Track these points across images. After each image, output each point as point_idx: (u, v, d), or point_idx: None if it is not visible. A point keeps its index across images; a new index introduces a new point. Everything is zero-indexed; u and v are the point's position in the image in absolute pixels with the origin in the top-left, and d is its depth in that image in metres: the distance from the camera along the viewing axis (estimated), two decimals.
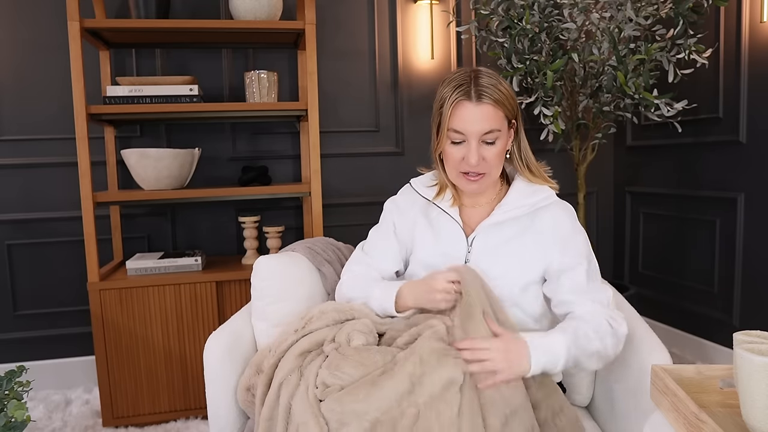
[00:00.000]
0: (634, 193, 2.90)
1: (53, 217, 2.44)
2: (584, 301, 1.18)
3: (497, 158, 1.18)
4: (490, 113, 1.15)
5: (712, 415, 0.85)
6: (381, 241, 1.37)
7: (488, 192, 1.29)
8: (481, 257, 1.23)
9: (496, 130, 1.16)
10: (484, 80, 1.16)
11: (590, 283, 1.20)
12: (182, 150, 2.17)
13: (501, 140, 1.18)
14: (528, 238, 1.23)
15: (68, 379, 2.45)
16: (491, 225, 1.24)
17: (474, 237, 1.25)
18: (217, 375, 1.29)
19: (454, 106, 1.15)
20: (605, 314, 1.17)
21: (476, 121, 1.14)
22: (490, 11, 2.19)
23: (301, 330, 1.20)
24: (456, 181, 1.23)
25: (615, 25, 2.03)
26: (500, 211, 1.23)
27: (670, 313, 2.71)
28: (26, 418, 1.38)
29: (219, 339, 1.33)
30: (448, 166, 1.22)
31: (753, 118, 2.20)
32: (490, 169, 1.19)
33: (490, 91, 1.14)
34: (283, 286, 1.42)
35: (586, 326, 1.13)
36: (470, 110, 1.14)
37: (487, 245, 1.24)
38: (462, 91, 1.15)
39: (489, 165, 1.18)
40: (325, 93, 2.60)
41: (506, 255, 1.22)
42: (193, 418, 2.16)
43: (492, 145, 1.17)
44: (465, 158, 1.17)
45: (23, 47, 2.36)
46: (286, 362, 1.14)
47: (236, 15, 2.19)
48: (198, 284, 2.13)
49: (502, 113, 1.17)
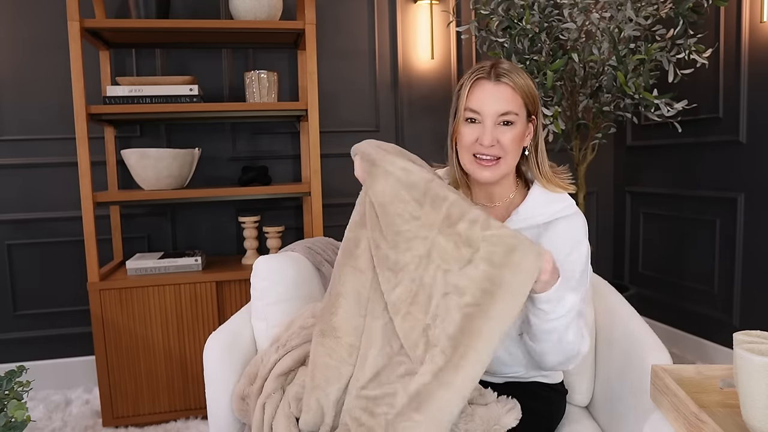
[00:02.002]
0: (634, 193, 2.90)
1: (53, 217, 2.44)
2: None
3: (513, 143, 1.13)
4: (508, 94, 1.12)
5: (712, 415, 0.85)
6: None
7: (504, 189, 1.22)
8: None
9: (513, 113, 1.12)
10: (505, 65, 1.14)
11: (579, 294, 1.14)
12: (182, 150, 2.17)
13: (518, 126, 1.14)
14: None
15: (68, 379, 2.45)
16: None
17: None
18: (216, 375, 1.29)
19: (472, 85, 1.14)
20: (580, 327, 1.12)
21: (493, 101, 1.12)
22: (490, 11, 2.19)
23: (282, 348, 1.21)
24: (469, 167, 1.17)
25: (615, 25, 2.03)
26: (518, 218, 1.18)
27: (670, 313, 2.71)
28: (26, 418, 1.38)
29: (219, 339, 1.33)
30: (462, 149, 1.17)
31: (753, 118, 2.20)
32: (504, 153, 1.14)
33: (509, 74, 1.13)
34: (283, 287, 1.42)
35: (571, 303, 1.08)
36: (488, 89, 1.12)
37: None
38: (482, 72, 1.14)
39: (504, 149, 1.13)
40: (325, 93, 2.60)
41: None
42: (193, 418, 2.16)
43: (508, 127, 1.13)
44: (479, 139, 1.13)
45: (23, 47, 2.36)
46: (269, 383, 1.15)
47: (236, 15, 2.19)
48: (198, 284, 2.13)
49: (520, 99, 1.14)
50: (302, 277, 1.48)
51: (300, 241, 1.66)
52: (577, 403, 1.40)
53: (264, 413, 1.13)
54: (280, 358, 1.18)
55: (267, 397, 1.13)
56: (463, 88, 1.15)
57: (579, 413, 1.37)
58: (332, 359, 1.04)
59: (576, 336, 1.09)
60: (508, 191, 1.23)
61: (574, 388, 1.38)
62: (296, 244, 1.63)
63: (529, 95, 1.15)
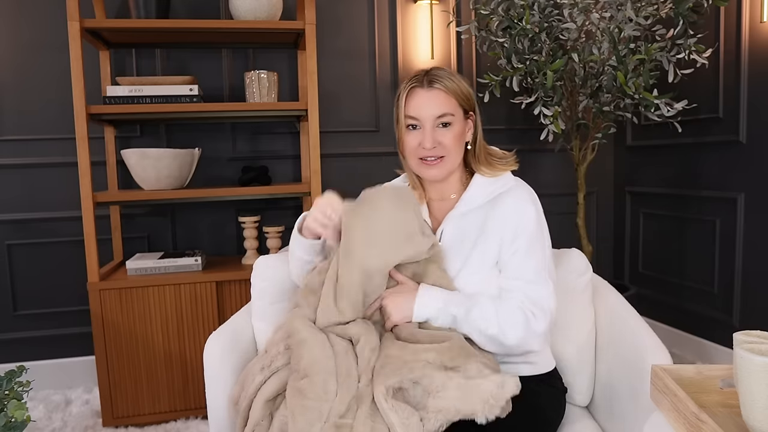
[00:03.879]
0: (634, 193, 2.90)
1: (53, 217, 2.44)
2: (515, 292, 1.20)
3: (454, 142, 1.23)
4: (442, 98, 1.22)
5: (712, 415, 0.85)
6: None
7: (453, 184, 1.31)
8: (447, 249, 1.26)
9: (449, 114, 1.22)
10: (436, 71, 1.24)
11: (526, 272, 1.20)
12: (182, 150, 2.17)
13: (456, 125, 1.23)
14: (489, 225, 1.24)
15: (68, 379, 2.46)
16: (457, 216, 1.27)
17: (442, 231, 1.28)
18: (217, 375, 1.29)
19: (407, 95, 1.24)
20: (527, 308, 1.18)
21: (428, 106, 1.22)
22: (490, 11, 2.19)
23: (267, 368, 1.19)
24: (416, 169, 1.28)
25: (615, 25, 2.03)
26: (463, 203, 1.27)
27: (670, 313, 2.71)
28: (26, 418, 1.38)
29: (219, 339, 1.33)
30: (408, 154, 1.27)
31: (753, 118, 2.20)
32: (447, 152, 1.23)
33: (441, 80, 1.22)
34: (283, 286, 1.42)
35: (491, 309, 1.16)
36: (422, 96, 1.22)
37: (454, 238, 1.26)
38: (415, 81, 1.24)
39: (446, 149, 1.23)
40: (325, 93, 2.60)
41: (470, 246, 1.24)
42: (193, 418, 2.16)
43: (446, 128, 1.23)
44: (421, 143, 1.23)
45: (23, 47, 2.36)
46: (256, 410, 1.14)
47: (236, 15, 2.19)
48: (198, 284, 2.13)
49: (454, 100, 1.23)
50: None
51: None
52: (578, 403, 1.40)
53: None
54: (266, 379, 1.16)
55: (255, 425, 1.12)
56: (401, 98, 1.25)
57: (579, 413, 1.37)
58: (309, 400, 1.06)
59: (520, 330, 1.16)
60: (457, 185, 1.32)
61: (574, 388, 1.38)
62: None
63: (461, 96, 1.24)
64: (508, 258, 1.21)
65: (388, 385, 1.05)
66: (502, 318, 1.16)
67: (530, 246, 1.21)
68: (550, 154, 2.87)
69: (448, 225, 1.27)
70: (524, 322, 1.17)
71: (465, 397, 1.02)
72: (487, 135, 1.24)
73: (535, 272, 1.21)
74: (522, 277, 1.20)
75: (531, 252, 1.21)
